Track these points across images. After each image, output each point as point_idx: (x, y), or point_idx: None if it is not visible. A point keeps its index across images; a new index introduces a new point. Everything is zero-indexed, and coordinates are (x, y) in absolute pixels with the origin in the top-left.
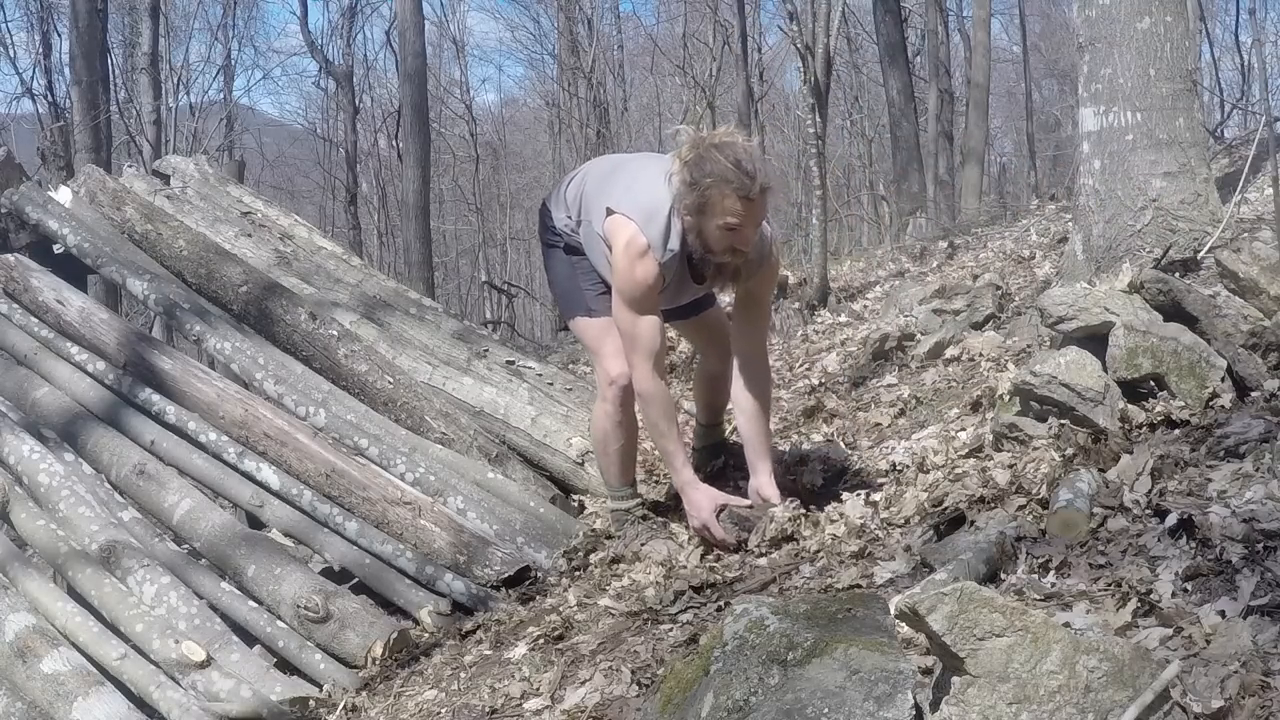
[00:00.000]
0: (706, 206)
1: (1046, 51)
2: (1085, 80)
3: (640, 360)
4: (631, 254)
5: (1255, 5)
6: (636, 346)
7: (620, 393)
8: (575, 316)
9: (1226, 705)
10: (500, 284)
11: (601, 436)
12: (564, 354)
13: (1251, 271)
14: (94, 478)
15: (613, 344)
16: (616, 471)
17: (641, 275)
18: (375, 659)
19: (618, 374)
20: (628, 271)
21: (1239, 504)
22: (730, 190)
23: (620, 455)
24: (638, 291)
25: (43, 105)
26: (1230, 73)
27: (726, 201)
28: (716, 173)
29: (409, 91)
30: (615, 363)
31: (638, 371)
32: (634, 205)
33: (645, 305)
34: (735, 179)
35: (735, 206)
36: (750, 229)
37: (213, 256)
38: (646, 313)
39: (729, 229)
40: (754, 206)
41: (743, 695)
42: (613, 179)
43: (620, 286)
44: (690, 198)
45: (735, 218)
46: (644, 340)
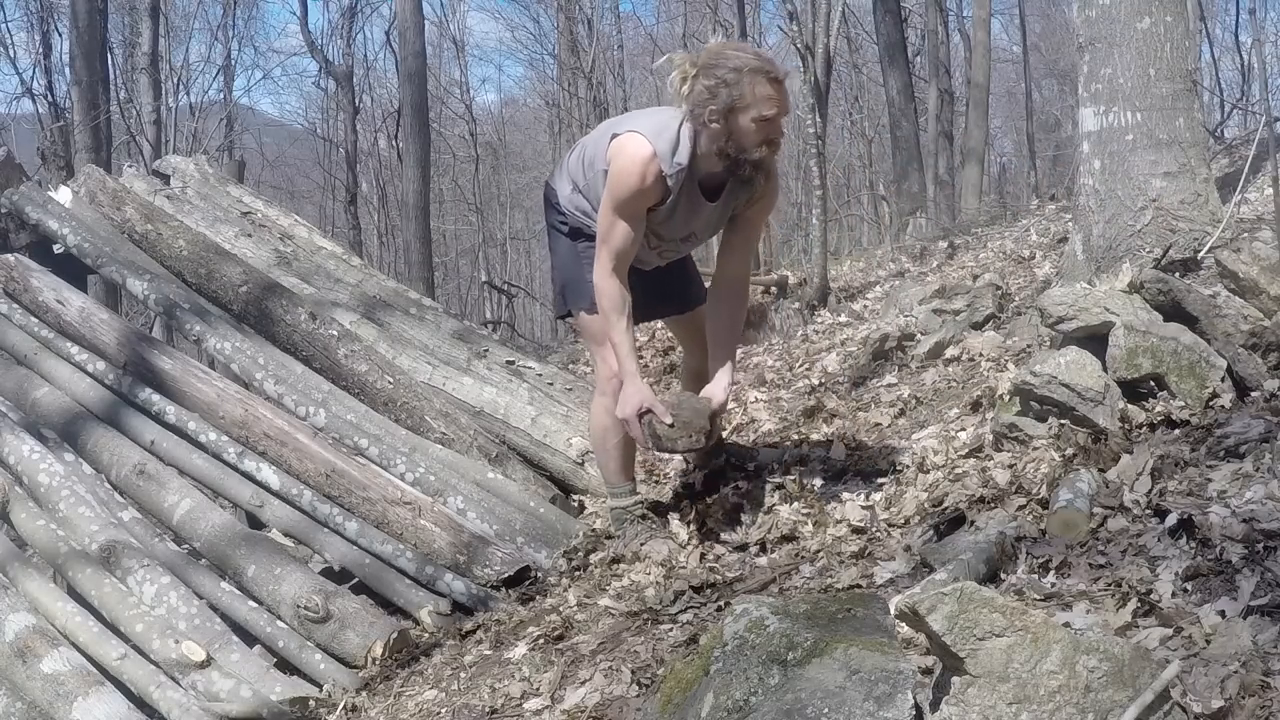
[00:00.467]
0: (739, 102)
1: (1046, 51)
2: (1085, 80)
3: (605, 258)
4: (637, 157)
5: (1255, 5)
6: (607, 243)
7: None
8: (579, 309)
9: (1226, 705)
10: (500, 284)
11: (600, 432)
12: (564, 354)
13: (1251, 271)
14: (94, 478)
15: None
16: (615, 468)
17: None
18: (375, 659)
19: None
20: (626, 173)
21: (1239, 504)
22: (761, 77)
23: (619, 451)
24: (630, 197)
25: (43, 105)
26: (1230, 73)
27: (759, 89)
28: (741, 64)
29: (409, 91)
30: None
31: (599, 267)
32: (639, 125)
33: (630, 210)
34: (762, 65)
35: (769, 91)
36: (784, 113)
37: (213, 256)
38: (628, 219)
39: (764, 119)
40: (783, 90)
41: (743, 695)
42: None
43: (613, 184)
44: (718, 99)
45: (771, 104)
46: (616, 240)
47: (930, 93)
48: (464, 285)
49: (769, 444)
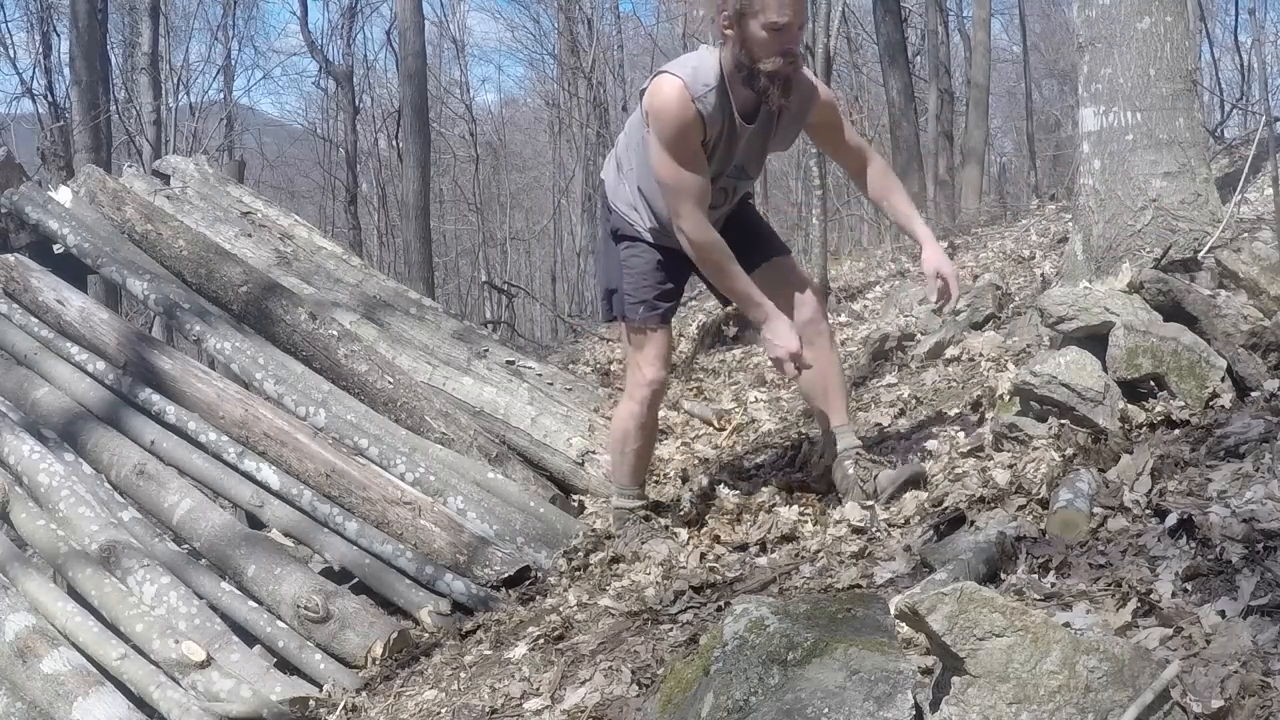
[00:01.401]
0: (749, 7)
1: (1046, 51)
2: (1085, 80)
3: (689, 209)
4: (666, 96)
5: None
6: (682, 195)
7: (651, 395)
8: (624, 320)
9: (1226, 705)
10: (500, 284)
11: (621, 435)
12: (564, 354)
13: (1251, 271)
14: (94, 478)
15: (654, 350)
16: (628, 471)
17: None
18: (375, 659)
19: (654, 378)
20: (664, 109)
21: (1239, 504)
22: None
23: (635, 456)
24: (675, 132)
25: (43, 105)
26: (1230, 73)
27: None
28: None
29: (409, 92)
30: (653, 369)
31: (688, 221)
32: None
33: (683, 149)
34: None
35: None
36: (798, 22)
37: (213, 256)
38: (688, 163)
39: (775, 28)
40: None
41: (743, 695)
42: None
43: (657, 133)
44: (730, 4)
45: (783, 10)
46: (686, 185)
47: (930, 93)
48: (464, 285)
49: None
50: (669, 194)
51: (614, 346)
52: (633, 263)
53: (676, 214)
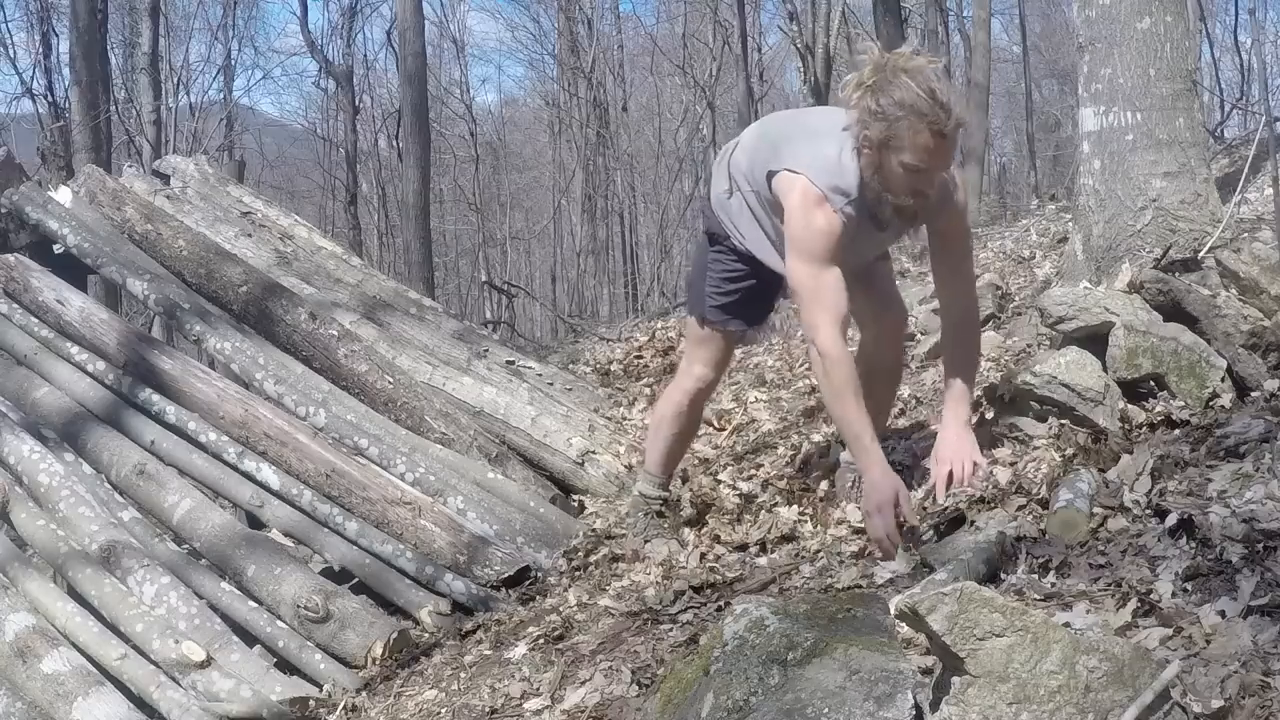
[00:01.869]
0: (892, 141)
1: (1046, 51)
2: (1085, 80)
3: (824, 320)
4: (808, 204)
5: (1255, 5)
6: (820, 304)
7: (695, 391)
8: (692, 314)
9: (1226, 705)
10: (500, 284)
11: (658, 419)
12: (564, 354)
13: (1251, 271)
14: (94, 478)
15: (711, 352)
16: (658, 457)
17: (821, 225)
18: (375, 659)
19: (701, 375)
20: (804, 224)
21: (1239, 504)
22: (922, 125)
23: (668, 443)
24: (817, 243)
25: (43, 105)
26: (1230, 73)
27: (918, 137)
28: (908, 103)
29: (409, 92)
30: (704, 368)
31: (821, 333)
32: (803, 157)
33: (826, 258)
34: (929, 111)
35: (926, 143)
36: (938, 170)
37: (213, 256)
38: (828, 266)
39: (914, 169)
40: (945, 144)
41: (743, 695)
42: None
43: (796, 240)
44: (874, 129)
45: (923, 157)
46: (828, 296)
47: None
48: (464, 285)
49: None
50: (805, 301)
51: (614, 346)
52: (716, 268)
53: (812, 325)
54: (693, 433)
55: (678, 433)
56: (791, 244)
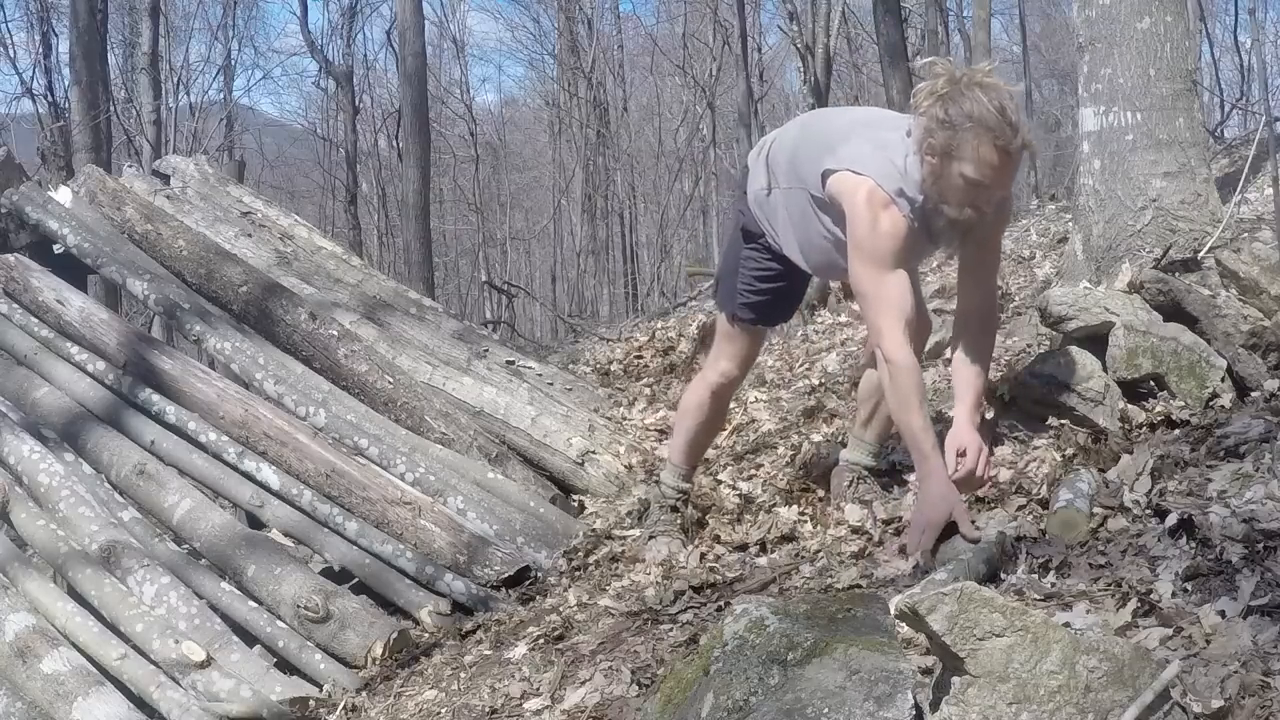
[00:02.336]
0: (956, 151)
1: (1046, 51)
2: (1085, 80)
3: (890, 325)
4: (875, 206)
5: (1255, 5)
6: (886, 309)
7: (718, 385)
8: (721, 310)
9: (1226, 705)
10: (500, 284)
11: (683, 409)
12: (564, 354)
13: (1252, 271)
14: (94, 478)
15: (737, 348)
16: (680, 447)
17: (888, 228)
18: (375, 659)
19: (725, 369)
20: (870, 226)
21: (1239, 504)
22: (989, 139)
23: (690, 434)
24: (884, 246)
25: (43, 105)
26: (1230, 73)
27: (982, 150)
28: (977, 115)
29: (409, 92)
30: (729, 363)
31: (887, 339)
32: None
33: (892, 261)
34: (997, 126)
35: (990, 158)
36: (998, 188)
37: (213, 256)
38: (893, 270)
39: (974, 183)
40: (1009, 163)
41: (743, 695)
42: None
43: (861, 244)
44: (940, 136)
45: (987, 172)
46: (894, 300)
47: None
48: (464, 285)
49: None
50: (870, 305)
51: (614, 346)
52: (749, 265)
53: (877, 329)
54: (715, 426)
55: (700, 424)
56: (856, 247)
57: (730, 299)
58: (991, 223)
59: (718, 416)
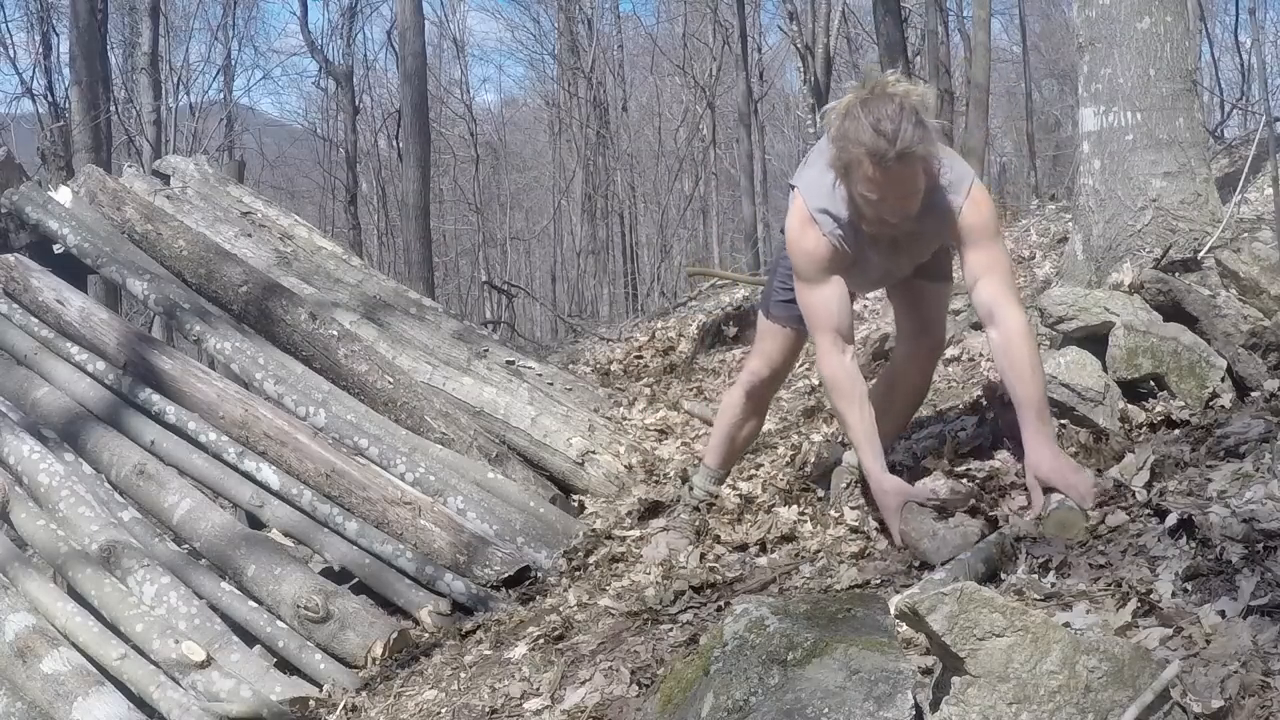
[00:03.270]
0: (849, 171)
1: (1046, 51)
2: (1085, 80)
3: (820, 340)
4: (797, 224)
5: (1255, 5)
6: (814, 322)
7: (751, 386)
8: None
9: (1226, 705)
10: (500, 284)
11: (721, 408)
12: (564, 354)
13: (1252, 271)
14: (94, 478)
15: (769, 346)
16: (713, 448)
17: (808, 246)
18: (375, 659)
19: (756, 369)
20: (795, 243)
21: (1239, 504)
22: (865, 155)
23: (723, 435)
24: (802, 263)
25: (43, 105)
26: (1230, 73)
27: (862, 168)
28: (853, 135)
29: (409, 92)
30: (757, 361)
31: (818, 352)
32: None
33: (814, 278)
34: (870, 143)
35: (870, 173)
36: (895, 199)
37: (213, 256)
38: (819, 285)
39: (870, 200)
40: (893, 175)
41: (743, 695)
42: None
43: (792, 259)
44: (836, 158)
45: (872, 186)
46: (818, 315)
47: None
48: (464, 285)
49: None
50: (807, 317)
51: (614, 346)
52: (785, 263)
53: (813, 342)
54: (750, 429)
55: (733, 424)
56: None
57: (768, 295)
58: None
59: (752, 418)
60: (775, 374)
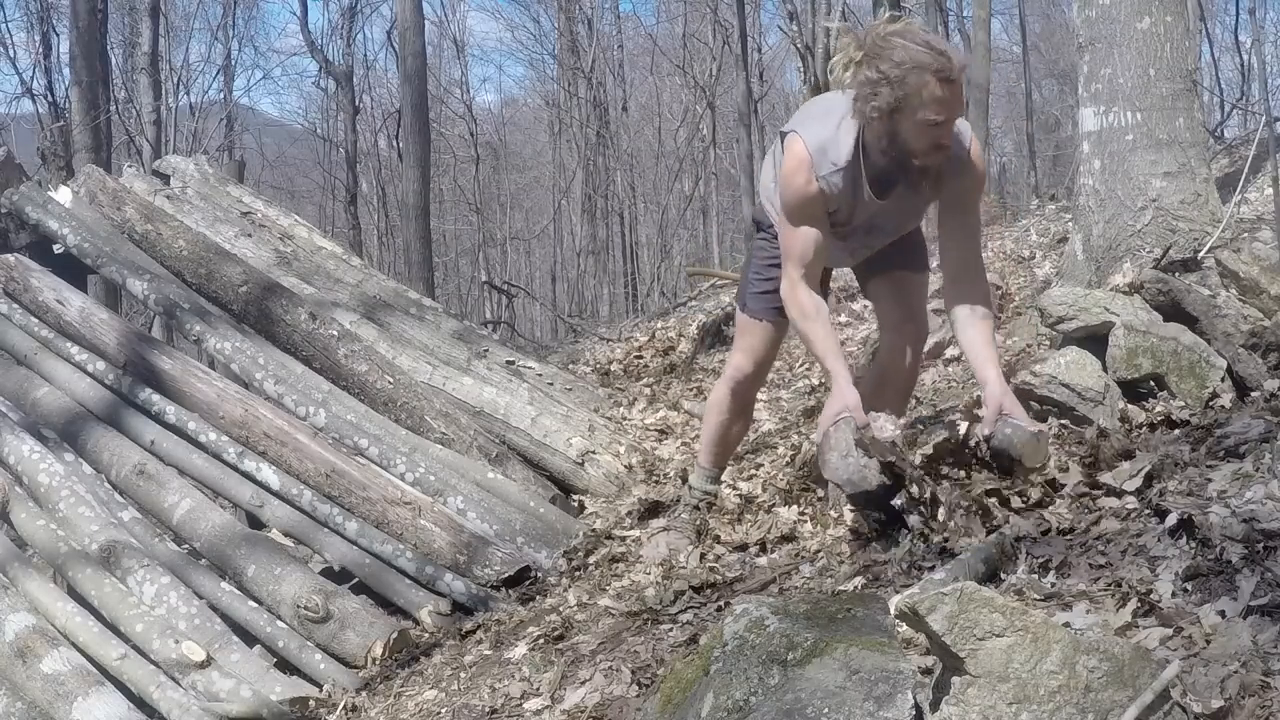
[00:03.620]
0: (905, 101)
1: (1046, 51)
2: (1085, 80)
3: (789, 269)
4: (793, 163)
5: (1255, 5)
6: (788, 255)
7: (734, 383)
8: (739, 306)
9: (1226, 705)
10: (500, 284)
11: (707, 407)
12: (564, 354)
13: (1252, 271)
14: (94, 478)
15: (749, 341)
16: (704, 447)
17: (799, 184)
18: (375, 659)
19: (738, 365)
20: (787, 181)
21: (1239, 504)
22: (930, 75)
23: (712, 433)
24: (792, 202)
25: (43, 105)
26: (1230, 73)
27: (927, 90)
28: (911, 59)
29: (409, 92)
30: (741, 357)
31: (785, 280)
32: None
33: (799, 218)
34: (934, 60)
35: (938, 93)
36: (954, 118)
37: (213, 256)
38: (801, 225)
39: (932, 123)
40: (956, 90)
41: (743, 695)
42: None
43: (782, 194)
44: (882, 96)
45: (939, 107)
46: (795, 250)
47: None
48: (464, 285)
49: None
50: (783, 250)
51: (614, 346)
52: (759, 255)
53: (784, 268)
54: (737, 425)
55: (721, 423)
56: (780, 192)
57: (744, 290)
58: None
59: (737, 415)
60: (759, 368)
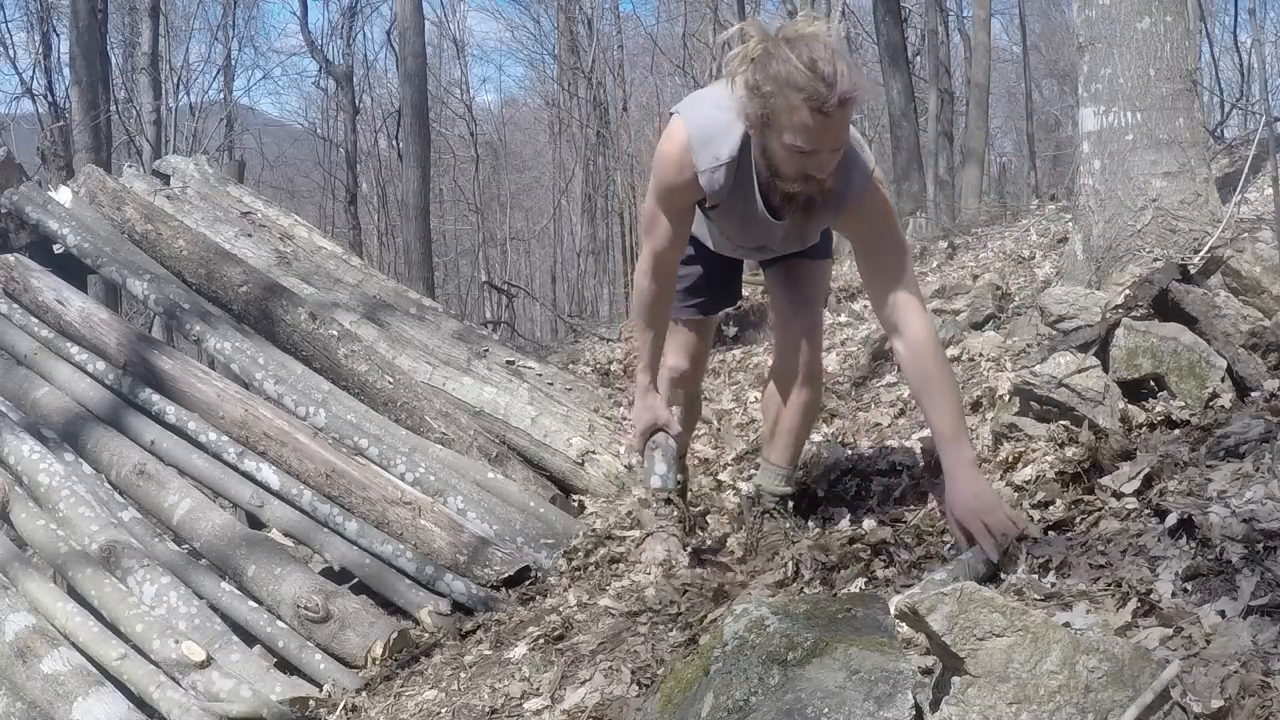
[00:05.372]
0: (772, 119)
1: (1046, 51)
2: (1085, 80)
3: (645, 254)
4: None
5: (1255, 5)
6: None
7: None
8: None
9: (1226, 705)
10: (500, 284)
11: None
12: (564, 354)
13: (1252, 271)
14: (94, 478)
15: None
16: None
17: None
18: (375, 659)
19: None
20: (659, 161)
21: (1239, 504)
22: (801, 101)
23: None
24: (660, 188)
25: (43, 105)
26: (1230, 73)
27: (797, 115)
28: (783, 76)
29: (409, 92)
30: (674, 357)
31: (639, 264)
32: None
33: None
34: (809, 85)
35: (807, 121)
36: (827, 152)
37: (213, 256)
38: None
39: (798, 150)
40: (831, 124)
41: (743, 695)
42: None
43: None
44: (754, 106)
45: (804, 137)
46: (656, 237)
47: (930, 93)
48: (464, 285)
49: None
50: (641, 225)
51: (614, 346)
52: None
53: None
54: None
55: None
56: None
57: None
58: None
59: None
60: (696, 368)
